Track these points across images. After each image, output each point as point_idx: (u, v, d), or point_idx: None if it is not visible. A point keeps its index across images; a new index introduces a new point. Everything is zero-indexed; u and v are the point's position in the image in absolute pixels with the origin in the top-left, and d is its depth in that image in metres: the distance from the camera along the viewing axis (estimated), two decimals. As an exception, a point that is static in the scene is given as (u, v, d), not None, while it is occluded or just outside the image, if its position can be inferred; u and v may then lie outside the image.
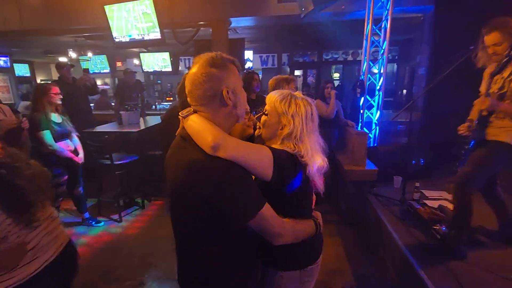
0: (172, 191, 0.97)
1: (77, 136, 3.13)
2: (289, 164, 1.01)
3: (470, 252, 2.15)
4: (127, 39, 4.78)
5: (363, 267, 2.58)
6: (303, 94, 1.14)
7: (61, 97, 2.93)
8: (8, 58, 8.05)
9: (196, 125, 0.92)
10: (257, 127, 1.17)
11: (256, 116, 1.20)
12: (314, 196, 1.25)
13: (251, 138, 1.21)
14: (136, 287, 2.38)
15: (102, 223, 3.36)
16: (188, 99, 0.96)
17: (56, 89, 2.88)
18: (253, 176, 0.96)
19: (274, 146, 1.07)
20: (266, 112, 1.13)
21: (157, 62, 7.16)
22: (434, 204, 2.86)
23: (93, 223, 3.32)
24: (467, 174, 2.04)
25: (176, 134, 1.02)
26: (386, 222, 2.68)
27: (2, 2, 5.22)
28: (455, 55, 2.34)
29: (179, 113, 0.98)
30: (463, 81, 2.31)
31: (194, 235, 0.98)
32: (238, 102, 0.97)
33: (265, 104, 1.14)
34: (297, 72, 10.11)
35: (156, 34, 4.55)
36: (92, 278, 2.46)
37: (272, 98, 1.11)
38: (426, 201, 2.93)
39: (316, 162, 1.07)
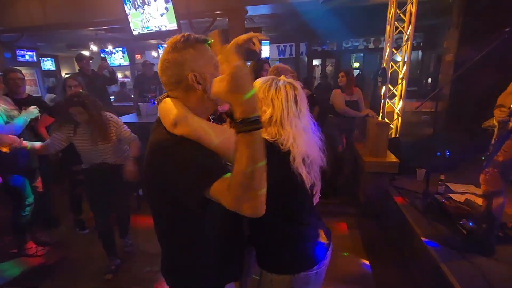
0: (143, 175, 0.97)
1: None
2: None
3: (499, 248, 2.03)
4: (145, 31, 4.81)
5: (383, 262, 2.51)
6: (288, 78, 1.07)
7: (78, 89, 2.94)
8: (34, 53, 8.39)
9: (165, 105, 0.90)
10: None
11: None
12: (317, 194, 1.15)
13: None
14: (154, 273, 2.44)
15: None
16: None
17: (72, 82, 2.80)
18: None
19: None
20: None
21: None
22: (460, 198, 2.72)
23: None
24: (500, 164, 1.91)
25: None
26: (408, 216, 2.58)
27: (27, -2, 5.39)
28: (487, 39, 2.17)
29: (156, 99, 0.96)
30: (495, 67, 2.14)
31: (162, 218, 0.98)
32: (210, 86, 0.88)
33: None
34: (316, 62, 9.87)
35: (172, 25, 4.55)
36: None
37: (255, 84, 1.04)
38: (452, 195, 2.80)
39: (301, 151, 0.97)
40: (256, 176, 0.71)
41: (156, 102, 0.96)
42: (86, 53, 4.26)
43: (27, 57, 8.19)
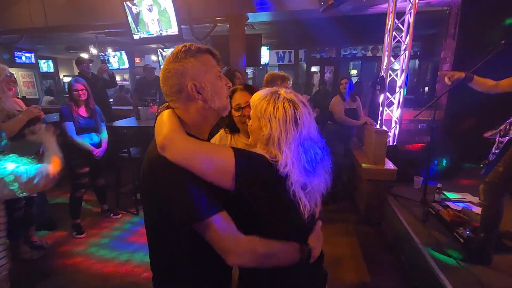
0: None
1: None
2: (263, 171, 0.86)
3: (496, 258, 2.04)
4: (145, 35, 4.84)
5: (381, 269, 2.51)
6: (292, 92, 0.97)
7: (84, 93, 2.94)
8: (32, 54, 8.38)
9: (160, 121, 0.86)
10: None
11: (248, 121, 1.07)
12: (319, 222, 1.06)
13: None
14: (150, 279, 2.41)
15: (120, 215, 3.44)
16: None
17: (78, 86, 2.89)
18: None
19: (256, 150, 0.94)
20: (249, 116, 1.00)
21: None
22: (457, 206, 2.74)
23: (111, 214, 3.41)
24: (500, 175, 1.93)
25: None
26: (406, 223, 2.59)
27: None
28: (483, 50, 2.22)
29: (156, 111, 0.94)
30: (491, 77, 2.18)
31: (155, 236, 0.95)
32: (212, 95, 0.89)
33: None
34: (314, 69, 9.96)
35: (173, 30, 4.58)
36: (107, 268, 2.52)
37: (255, 99, 0.96)
38: (449, 203, 2.82)
39: (299, 179, 0.88)
40: (268, 256, 0.86)
41: (156, 114, 0.92)
42: (85, 55, 4.26)
43: (24, 58, 8.17)
